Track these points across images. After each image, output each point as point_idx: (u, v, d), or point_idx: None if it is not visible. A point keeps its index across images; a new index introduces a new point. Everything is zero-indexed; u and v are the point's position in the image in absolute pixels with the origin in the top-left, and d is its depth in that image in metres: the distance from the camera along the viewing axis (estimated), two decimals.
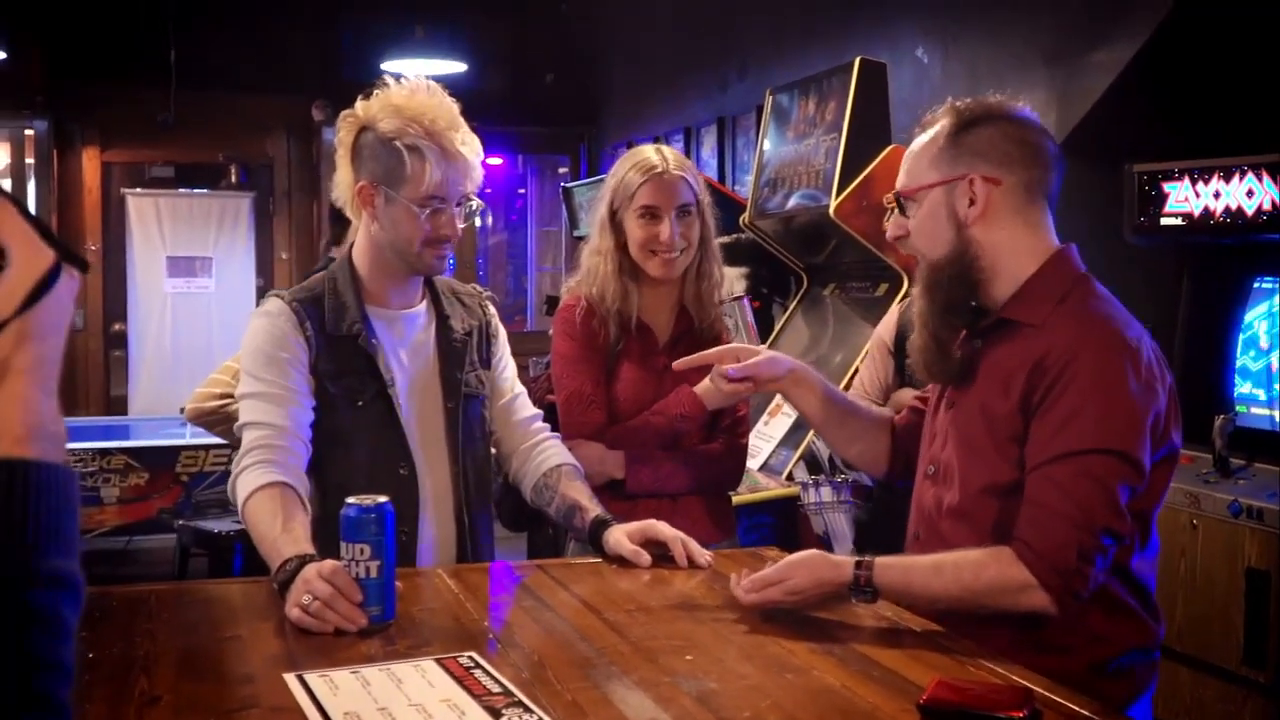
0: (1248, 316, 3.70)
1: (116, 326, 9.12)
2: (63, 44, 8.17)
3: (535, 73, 9.36)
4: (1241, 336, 3.71)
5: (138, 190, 9.20)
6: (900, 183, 2.12)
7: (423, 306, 2.51)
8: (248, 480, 2.19)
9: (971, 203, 2.01)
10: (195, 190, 9.43)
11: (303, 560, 1.96)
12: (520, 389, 2.64)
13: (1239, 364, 3.71)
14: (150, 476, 6.38)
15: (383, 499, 1.92)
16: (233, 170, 9.47)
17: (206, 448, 6.35)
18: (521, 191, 11.01)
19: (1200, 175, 3.60)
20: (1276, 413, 3.58)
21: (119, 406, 8.98)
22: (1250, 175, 3.45)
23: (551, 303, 3.72)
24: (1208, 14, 3.81)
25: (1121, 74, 3.88)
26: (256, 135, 9.36)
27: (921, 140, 2.10)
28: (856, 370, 3.59)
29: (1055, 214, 2.12)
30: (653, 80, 8.47)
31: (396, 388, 2.40)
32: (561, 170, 10.08)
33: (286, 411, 2.28)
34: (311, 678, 1.64)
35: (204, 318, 9.11)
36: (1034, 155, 2.04)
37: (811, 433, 4.30)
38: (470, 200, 2.40)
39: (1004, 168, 2.02)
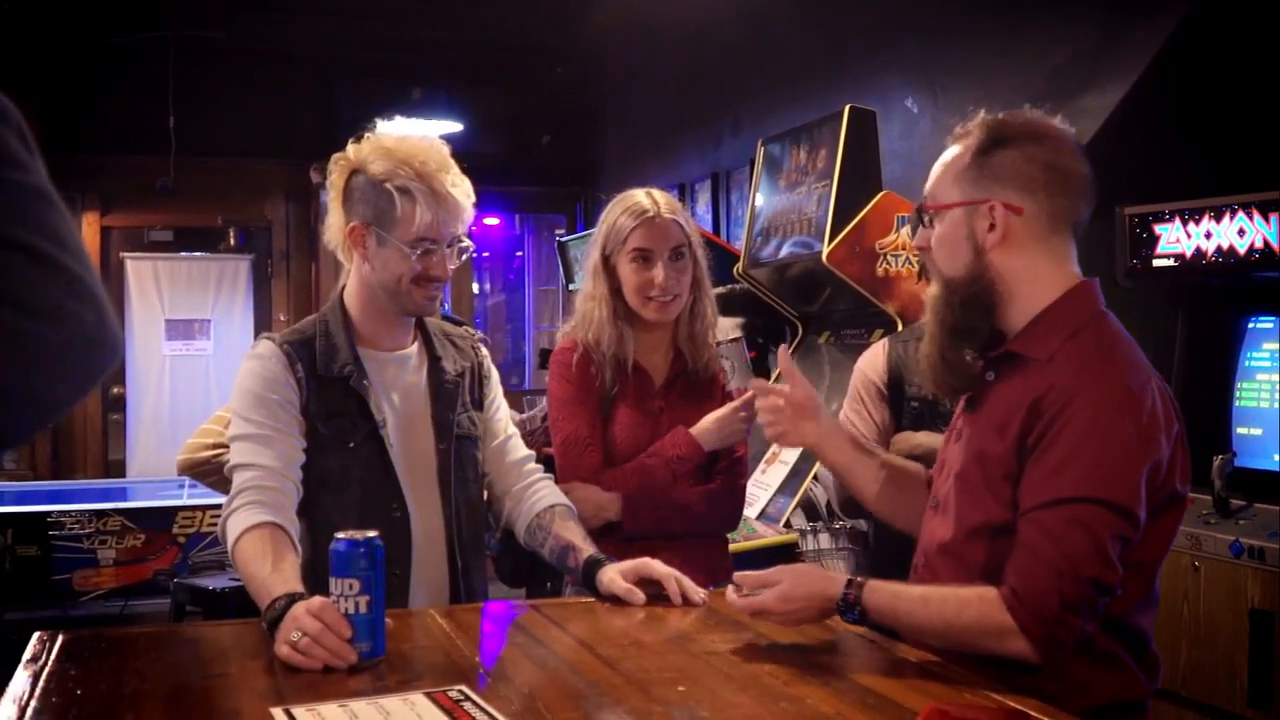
0: (1244, 356, 3.69)
1: (115, 390, 9.11)
2: (63, 111, 8.23)
3: (532, 134, 9.44)
4: (1238, 376, 3.69)
5: (137, 254, 9.25)
6: (926, 192, 2.06)
7: (414, 348, 2.50)
8: (238, 521, 2.18)
9: (992, 228, 1.95)
10: (194, 254, 9.47)
11: (292, 598, 1.93)
12: (513, 430, 2.63)
13: (1236, 404, 3.69)
14: (147, 538, 6.36)
15: (372, 533, 1.89)
16: (231, 233, 9.52)
17: (204, 508, 6.33)
18: (519, 253, 11.06)
19: (1191, 216, 3.60)
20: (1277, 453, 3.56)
21: (117, 470, 8.97)
22: (1241, 214, 3.45)
23: (544, 355, 3.71)
24: (1194, 56, 3.84)
25: (1110, 117, 3.90)
26: (255, 199, 9.44)
27: (950, 154, 2.03)
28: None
29: None
30: (647, 138, 8.54)
31: (388, 429, 2.39)
32: (559, 231, 10.13)
33: (277, 452, 2.27)
34: (298, 711, 1.62)
35: (202, 380, 9.13)
36: (1061, 182, 1.96)
37: (809, 480, 4.28)
38: (462, 241, 2.41)
39: (1028, 194, 1.95)
